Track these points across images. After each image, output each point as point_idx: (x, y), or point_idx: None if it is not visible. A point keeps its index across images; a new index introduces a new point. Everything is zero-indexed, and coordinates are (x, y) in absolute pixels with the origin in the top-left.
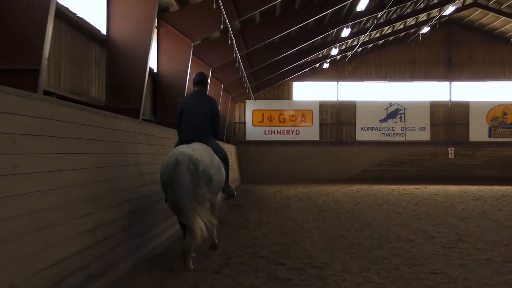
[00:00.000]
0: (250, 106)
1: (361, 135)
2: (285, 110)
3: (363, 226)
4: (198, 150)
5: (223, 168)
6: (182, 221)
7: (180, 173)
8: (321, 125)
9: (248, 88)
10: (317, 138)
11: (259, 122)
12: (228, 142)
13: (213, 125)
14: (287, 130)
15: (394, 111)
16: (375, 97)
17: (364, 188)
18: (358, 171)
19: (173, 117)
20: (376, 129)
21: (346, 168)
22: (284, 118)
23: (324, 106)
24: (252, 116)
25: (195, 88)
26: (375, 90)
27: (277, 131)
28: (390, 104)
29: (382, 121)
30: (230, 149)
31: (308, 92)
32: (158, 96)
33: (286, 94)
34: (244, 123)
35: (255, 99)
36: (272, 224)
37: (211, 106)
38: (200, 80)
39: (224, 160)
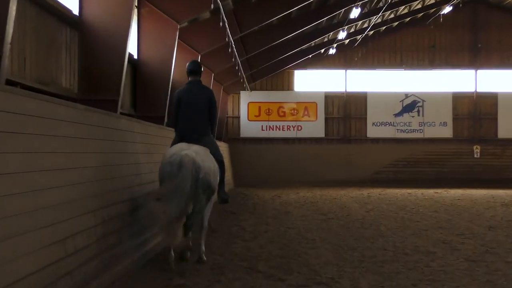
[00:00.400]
0: (245, 98)
1: (372, 132)
2: (285, 102)
3: (375, 236)
4: (200, 154)
5: (218, 174)
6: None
7: (184, 177)
8: (326, 119)
9: (243, 77)
10: (322, 135)
11: (256, 116)
12: (219, 139)
13: (211, 116)
14: (287, 126)
15: (411, 104)
16: (389, 88)
17: (376, 192)
18: (370, 172)
19: (156, 110)
20: (390, 124)
21: (356, 169)
22: (284, 112)
23: (330, 98)
24: (248, 109)
25: (189, 78)
26: (389, 80)
27: (276, 126)
28: (406, 95)
29: (397, 115)
30: (222, 148)
31: (311, 81)
32: (139, 87)
33: (286, 84)
34: (238, 117)
35: (251, 90)
36: (271, 234)
37: (208, 96)
38: (194, 69)
39: (220, 164)
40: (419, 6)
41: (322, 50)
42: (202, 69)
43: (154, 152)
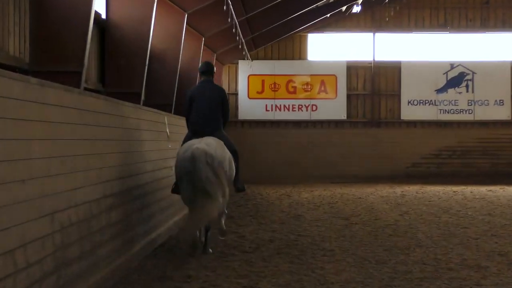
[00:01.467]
0: (245, 69)
1: (408, 112)
2: (296, 75)
3: (411, 247)
4: (212, 144)
5: (233, 163)
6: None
7: (199, 168)
8: (349, 97)
9: (242, 43)
10: (343, 117)
11: (258, 93)
12: None
13: (223, 116)
14: (299, 105)
15: (458, 77)
16: (429, 56)
17: (413, 190)
18: (404, 165)
19: (131, 85)
20: (430, 103)
21: (386, 161)
22: (295, 87)
23: (353, 69)
24: (248, 84)
25: (202, 78)
26: (430, 46)
27: (285, 106)
28: (452, 66)
29: (439, 91)
30: None
31: (330, 48)
32: (108, 56)
33: (297, 51)
34: (236, 94)
35: (252, 59)
36: (277, 244)
37: (220, 96)
38: (208, 70)
39: (234, 153)
40: None
41: (344, 8)
42: (215, 69)
43: (127, 138)
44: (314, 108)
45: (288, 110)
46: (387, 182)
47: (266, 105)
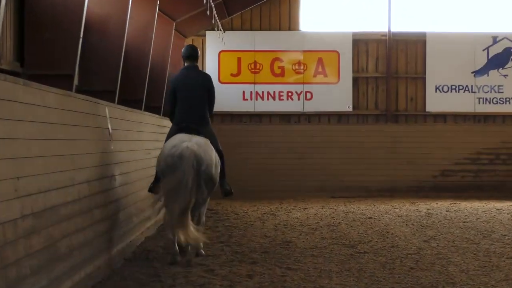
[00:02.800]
0: (215, 43)
1: (436, 102)
2: (285, 51)
3: (440, 284)
4: (202, 146)
5: (219, 164)
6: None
7: (185, 171)
8: (356, 81)
9: (211, 7)
10: (349, 108)
11: (233, 75)
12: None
13: (209, 105)
14: (288, 92)
15: (503, 54)
16: (464, 27)
17: (442, 207)
18: (431, 173)
19: (60, 66)
20: (465, 89)
21: (407, 168)
22: (283, 68)
23: (362, 44)
24: (219, 63)
25: (185, 64)
26: (465, 13)
27: (269, 93)
28: (495, 39)
29: (478, 73)
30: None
31: (330, 15)
32: (28, 27)
33: (285, 20)
34: None
35: (225, 29)
36: (258, 281)
37: (206, 83)
38: (192, 54)
39: (219, 153)
40: None
41: None
42: (199, 54)
43: (52, 137)
44: (308, 96)
45: (274, 99)
46: (407, 196)
47: (244, 92)
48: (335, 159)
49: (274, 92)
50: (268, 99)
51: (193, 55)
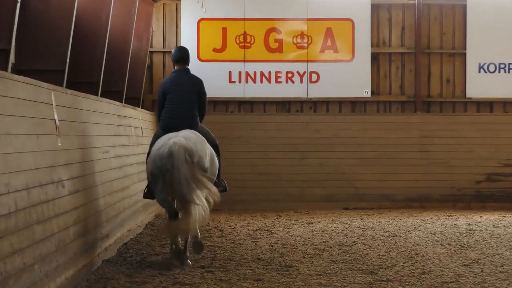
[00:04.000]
0: (192, 9)
1: (480, 84)
2: (284, 20)
3: None
4: (191, 138)
5: (216, 158)
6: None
7: (177, 167)
8: (375, 58)
9: None
10: (366, 93)
11: (216, 50)
12: (132, 102)
13: (200, 111)
14: (288, 73)
15: None
16: None
17: (488, 221)
18: (474, 177)
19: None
20: None
21: (442, 171)
22: (280, 42)
23: (384, 10)
24: (198, 35)
25: (175, 67)
26: None
27: (263, 74)
28: None
29: None
30: (136, 123)
31: None
32: None
33: None
34: None
35: None
36: None
37: (197, 88)
38: (182, 57)
39: (215, 147)
40: None
41: None
42: (189, 54)
43: None
44: (314, 78)
45: (269, 81)
46: (442, 207)
47: (230, 73)
48: (348, 159)
49: (269, 72)
50: (261, 81)
51: (183, 57)
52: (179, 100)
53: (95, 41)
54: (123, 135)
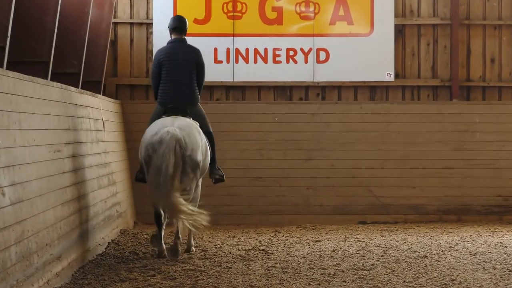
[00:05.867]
0: None
1: None
2: None
3: None
4: (185, 129)
5: (209, 149)
6: (163, 210)
7: (162, 155)
8: (400, 31)
9: None
10: (388, 76)
11: (198, 22)
12: (91, 88)
13: (198, 82)
14: (288, 50)
15: None
16: None
17: None
18: None
19: None
20: None
21: (487, 175)
22: (280, 10)
23: None
24: (175, 2)
25: (172, 36)
26: None
27: (257, 51)
28: None
29: None
30: (97, 114)
31: None
32: None
33: None
34: (147, 24)
35: None
36: None
37: (195, 58)
38: (179, 26)
39: (209, 135)
40: None
41: None
42: (187, 25)
43: None
44: (322, 56)
45: (265, 60)
46: (485, 221)
47: (216, 50)
48: (365, 160)
49: (265, 49)
50: (255, 61)
51: (180, 27)
52: (177, 73)
53: (44, 10)
54: (80, 130)
